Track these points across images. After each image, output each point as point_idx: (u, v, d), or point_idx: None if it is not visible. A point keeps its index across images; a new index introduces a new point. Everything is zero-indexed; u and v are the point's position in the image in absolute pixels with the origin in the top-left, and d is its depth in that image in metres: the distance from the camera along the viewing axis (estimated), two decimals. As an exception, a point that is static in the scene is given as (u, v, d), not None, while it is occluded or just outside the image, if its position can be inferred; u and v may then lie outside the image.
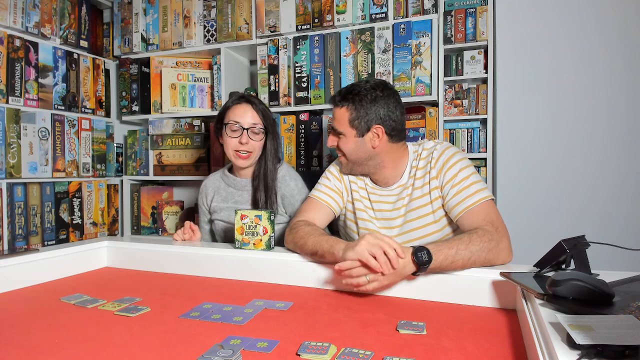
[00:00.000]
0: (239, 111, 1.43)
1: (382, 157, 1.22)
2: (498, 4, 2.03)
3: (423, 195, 1.20)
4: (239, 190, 1.52)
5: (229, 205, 1.53)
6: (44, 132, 2.10)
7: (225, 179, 1.56)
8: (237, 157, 1.43)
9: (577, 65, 1.95)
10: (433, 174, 1.19)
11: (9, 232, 1.95)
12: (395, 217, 1.24)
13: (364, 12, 2.01)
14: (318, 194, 1.31)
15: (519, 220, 1.97)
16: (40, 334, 0.74)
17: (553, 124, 2.00)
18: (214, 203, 1.56)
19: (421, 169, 1.22)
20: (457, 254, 0.92)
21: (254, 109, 1.44)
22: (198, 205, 1.64)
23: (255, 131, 1.43)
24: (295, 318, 0.82)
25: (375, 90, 1.18)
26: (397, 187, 1.25)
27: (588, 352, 0.49)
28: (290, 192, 1.47)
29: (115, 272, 1.21)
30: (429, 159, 1.21)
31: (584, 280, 0.64)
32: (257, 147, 1.45)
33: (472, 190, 1.11)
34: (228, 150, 1.44)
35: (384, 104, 1.18)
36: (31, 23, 2.07)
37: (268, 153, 1.47)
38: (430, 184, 1.19)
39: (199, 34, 2.30)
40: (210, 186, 1.59)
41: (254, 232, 1.14)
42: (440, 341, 0.70)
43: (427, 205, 1.20)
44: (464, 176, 1.14)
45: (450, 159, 1.17)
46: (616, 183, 1.90)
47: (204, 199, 1.60)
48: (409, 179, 1.24)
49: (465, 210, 1.10)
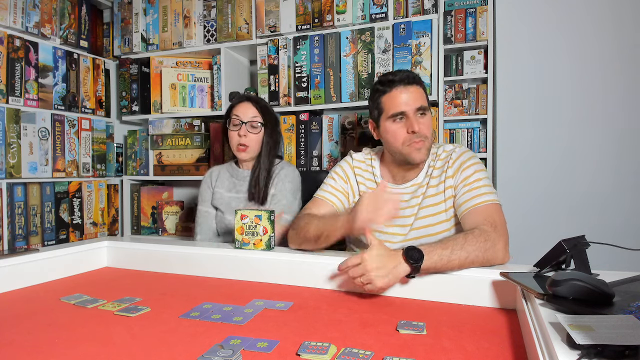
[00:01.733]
0: (241, 108, 1.57)
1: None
2: (498, 4, 2.03)
3: (437, 193, 1.22)
4: (240, 180, 1.62)
5: (230, 195, 1.61)
6: (44, 132, 2.10)
7: (230, 170, 1.67)
8: (239, 150, 1.56)
9: (577, 65, 1.95)
10: (449, 173, 1.21)
11: (9, 232, 1.94)
12: (409, 215, 1.25)
13: (364, 12, 2.01)
14: (323, 194, 1.31)
15: (519, 220, 1.97)
16: (40, 334, 0.74)
17: (553, 123, 2.00)
18: (216, 189, 1.64)
19: (438, 168, 1.24)
20: (452, 253, 0.92)
21: (254, 105, 1.57)
22: (200, 193, 1.69)
23: (253, 124, 1.55)
24: (295, 318, 0.82)
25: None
26: (412, 184, 1.27)
27: (588, 352, 0.49)
28: (285, 173, 1.56)
29: (115, 272, 1.21)
30: (447, 159, 1.23)
31: (584, 280, 0.64)
32: (255, 140, 1.56)
33: (481, 192, 1.13)
34: (232, 143, 1.57)
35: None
36: (31, 23, 2.07)
37: (264, 146, 1.57)
38: (445, 182, 1.21)
39: (199, 34, 2.30)
40: (215, 172, 1.69)
41: (254, 232, 1.14)
42: (440, 341, 0.70)
43: (440, 203, 1.22)
44: (477, 178, 1.16)
45: (468, 161, 1.20)
46: (616, 183, 1.90)
47: (208, 181, 1.68)
48: (425, 177, 1.26)
49: (469, 209, 1.11)
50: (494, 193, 1.14)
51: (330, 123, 2.08)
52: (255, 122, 1.55)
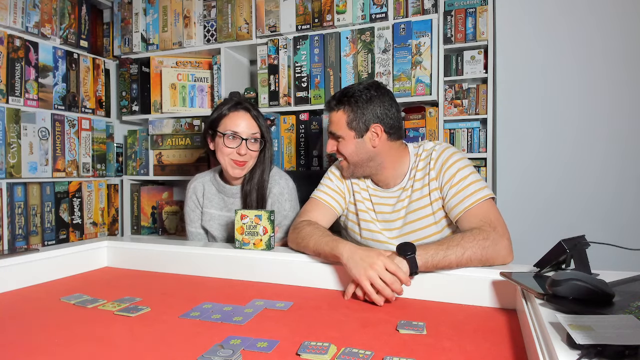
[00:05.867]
0: (237, 120, 1.36)
1: (382, 157, 1.22)
2: (498, 4, 2.03)
3: (423, 196, 1.20)
4: (230, 197, 1.46)
5: (221, 214, 1.48)
6: (44, 132, 2.10)
7: (215, 185, 1.49)
8: (235, 165, 1.37)
9: (577, 65, 1.95)
10: (432, 175, 1.18)
11: (9, 232, 1.94)
12: (395, 219, 1.24)
13: (364, 12, 2.01)
14: (320, 195, 1.31)
15: (519, 220, 1.97)
16: (40, 334, 0.74)
17: (553, 123, 2.00)
18: (205, 208, 1.50)
19: (420, 170, 1.22)
20: (448, 249, 0.92)
21: (251, 116, 1.38)
22: (186, 212, 1.54)
23: (254, 140, 1.38)
24: (295, 318, 0.82)
25: (369, 90, 1.19)
26: (397, 189, 1.25)
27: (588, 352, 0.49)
28: (280, 191, 1.43)
29: (115, 272, 1.21)
30: (428, 160, 1.21)
31: (584, 280, 0.64)
32: (253, 156, 1.40)
33: (470, 191, 1.10)
34: (223, 158, 1.36)
35: (379, 103, 1.19)
36: (31, 23, 2.07)
37: (265, 163, 1.43)
38: (430, 185, 1.19)
39: (199, 34, 2.30)
40: (199, 188, 1.52)
41: (254, 232, 1.14)
42: (440, 341, 0.70)
43: (427, 206, 1.20)
44: (462, 176, 1.13)
45: (449, 159, 1.17)
46: (616, 182, 1.90)
47: (194, 198, 1.52)
48: (408, 180, 1.24)
49: (463, 212, 1.10)
50: (483, 188, 1.11)
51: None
52: (256, 138, 1.38)
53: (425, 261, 0.91)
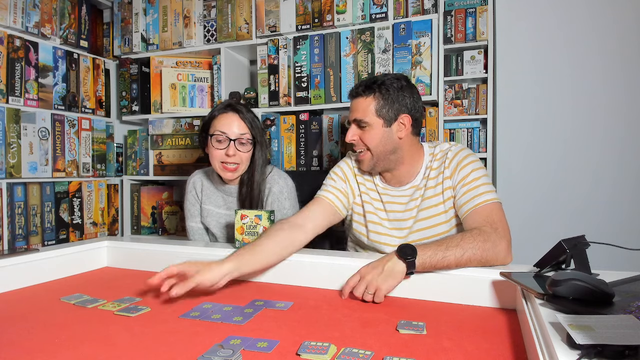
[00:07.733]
0: (225, 121, 1.35)
1: (403, 151, 1.21)
2: (498, 4, 2.03)
3: (436, 195, 1.20)
4: (229, 196, 1.47)
5: (219, 212, 1.49)
6: (44, 132, 2.10)
7: (214, 183, 1.49)
8: (224, 169, 1.36)
9: (577, 65, 1.95)
10: (447, 173, 1.19)
11: (9, 232, 1.94)
12: (407, 218, 1.24)
13: (364, 12, 2.01)
14: (325, 194, 1.28)
15: (519, 220, 1.97)
16: (40, 334, 0.74)
17: (553, 123, 2.00)
18: (204, 205, 1.51)
19: (435, 169, 1.22)
20: (447, 249, 0.92)
21: (241, 118, 1.36)
22: (186, 207, 1.54)
23: (242, 142, 1.35)
24: (295, 318, 0.82)
25: (400, 80, 1.19)
26: (409, 187, 1.25)
27: (588, 352, 0.49)
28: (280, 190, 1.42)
29: (115, 272, 1.21)
30: (443, 159, 1.21)
31: (584, 280, 0.64)
32: (245, 159, 1.38)
33: (480, 191, 1.12)
34: (214, 161, 1.37)
35: (410, 93, 1.19)
36: (31, 23, 2.07)
37: (256, 164, 1.40)
38: (443, 183, 1.19)
39: (199, 34, 2.30)
40: (198, 183, 1.53)
41: (254, 232, 1.14)
42: (440, 341, 0.70)
43: (439, 204, 1.20)
44: (475, 177, 1.14)
45: (465, 160, 1.18)
46: (616, 183, 1.91)
47: (194, 192, 1.53)
48: (422, 179, 1.24)
49: (470, 210, 1.11)
50: (493, 191, 1.13)
51: (330, 123, 2.08)
52: (244, 139, 1.35)
53: (423, 262, 0.91)
